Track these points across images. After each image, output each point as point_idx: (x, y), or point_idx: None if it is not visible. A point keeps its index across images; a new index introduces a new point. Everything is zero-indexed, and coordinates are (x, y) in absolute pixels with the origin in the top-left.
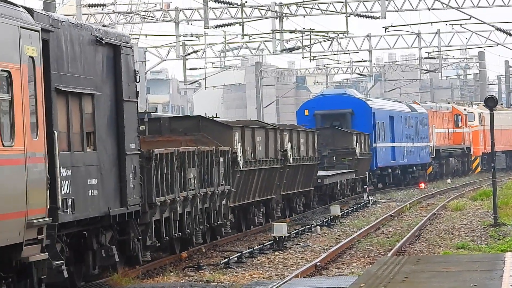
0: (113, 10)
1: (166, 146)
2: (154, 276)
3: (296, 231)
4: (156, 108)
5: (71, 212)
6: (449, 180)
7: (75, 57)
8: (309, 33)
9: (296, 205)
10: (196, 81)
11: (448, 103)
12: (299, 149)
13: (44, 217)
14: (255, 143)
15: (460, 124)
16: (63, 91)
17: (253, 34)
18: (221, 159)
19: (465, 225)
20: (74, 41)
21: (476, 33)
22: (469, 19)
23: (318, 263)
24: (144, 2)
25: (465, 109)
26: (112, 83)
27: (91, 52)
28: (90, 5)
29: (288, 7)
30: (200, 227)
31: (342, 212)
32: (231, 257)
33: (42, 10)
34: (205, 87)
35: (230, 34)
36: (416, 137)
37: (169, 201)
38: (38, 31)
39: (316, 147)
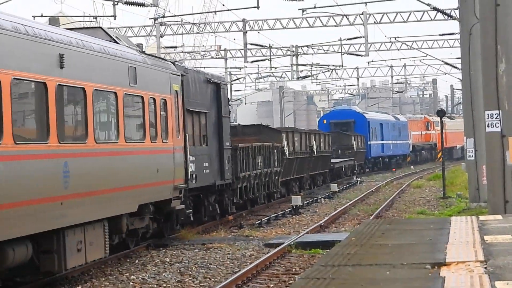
0: (182, 50)
1: (241, 143)
2: (209, 232)
3: (307, 201)
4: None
5: (194, 182)
6: (412, 167)
7: (196, 90)
8: (316, 66)
9: (317, 181)
10: (239, 99)
11: (422, 114)
12: (319, 145)
13: (183, 184)
14: (294, 141)
15: (429, 128)
16: (190, 111)
17: (277, 67)
18: (275, 151)
19: (423, 197)
20: (195, 80)
21: (431, 66)
22: (426, 56)
23: (322, 224)
24: (203, 45)
25: (433, 118)
26: (216, 106)
27: (204, 87)
28: (167, 47)
29: (301, 48)
30: (263, 192)
31: (339, 189)
32: (262, 220)
33: (178, 62)
34: (245, 103)
35: (261, 67)
36: (399, 137)
37: (247, 176)
38: (179, 75)
39: (330, 144)
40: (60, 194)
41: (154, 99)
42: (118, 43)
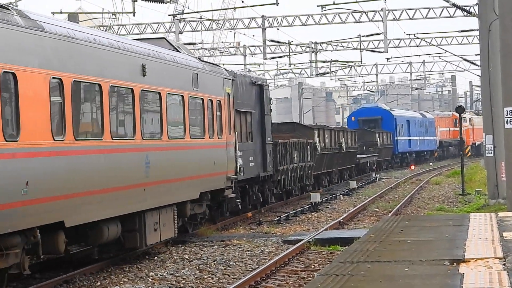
0: (201, 47)
1: (278, 139)
2: (228, 229)
3: (326, 198)
4: None
5: (242, 174)
6: (431, 163)
7: (243, 92)
8: (335, 62)
9: (344, 175)
10: None
11: (450, 112)
12: (347, 141)
13: (234, 175)
14: (325, 138)
15: (457, 125)
16: (238, 110)
17: (296, 63)
18: (308, 146)
19: (442, 194)
20: (243, 83)
21: (450, 62)
22: (445, 53)
23: (341, 220)
24: (222, 42)
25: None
26: (259, 105)
27: (250, 89)
28: (186, 44)
29: (320, 45)
30: (297, 185)
31: (358, 186)
32: (281, 216)
33: (229, 70)
34: None
35: (281, 63)
36: (425, 133)
37: (285, 168)
38: (230, 79)
39: (355, 140)
40: (143, 182)
41: (211, 100)
42: (180, 52)
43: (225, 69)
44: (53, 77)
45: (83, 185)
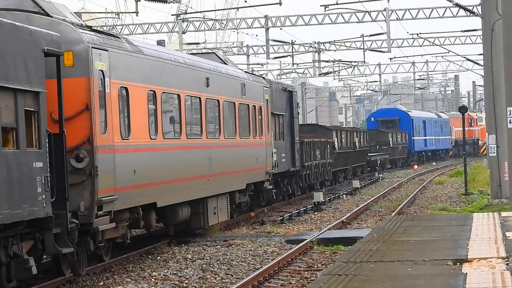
0: (204, 47)
1: (303, 138)
2: (231, 229)
3: (329, 198)
4: None
5: (276, 168)
6: (434, 163)
7: (277, 97)
8: (338, 62)
9: (357, 171)
10: None
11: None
12: (360, 141)
13: (271, 170)
14: (341, 137)
15: (472, 124)
16: (273, 114)
17: (299, 63)
18: (328, 145)
19: (445, 194)
20: (276, 89)
21: (453, 62)
22: (448, 52)
23: (344, 220)
24: (225, 41)
25: (476, 115)
26: (289, 109)
27: (282, 94)
28: (189, 43)
29: (323, 44)
30: (318, 180)
31: (361, 185)
32: (284, 216)
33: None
34: None
35: (284, 63)
36: (441, 133)
37: (310, 165)
38: (268, 87)
39: (367, 140)
40: (207, 173)
41: (254, 106)
42: (227, 64)
43: (263, 78)
44: (150, 90)
45: (168, 174)
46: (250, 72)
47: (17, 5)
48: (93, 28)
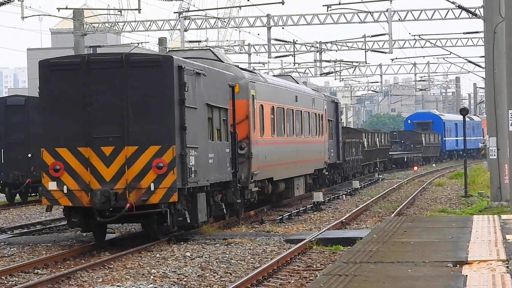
0: (205, 45)
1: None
2: (231, 228)
3: (329, 198)
4: None
5: (329, 160)
6: (434, 165)
7: (329, 107)
8: (339, 62)
9: (379, 167)
10: None
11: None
12: (381, 141)
13: (328, 161)
14: (368, 138)
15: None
16: (329, 119)
17: (301, 63)
18: (360, 145)
19: (445, 195)
20: (328, 101)
21: (454, 64)
22: (449, 54)
23: (343, 220)
24: (227, 40)
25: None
26: (335, 116)
27: (332, 105)
28: (190, 41)
29: (325, 44)
30: (352, 172)
31: (360, 186)
32: (284, 215)
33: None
34: None
35: (285, 62)
36: (472, 134)
37: (349, 159)
38: (325, 100)
39: (388, 140)
40: (295, 160)
41: (319, 114)
42: (298, 84)
43: (323, 94)
44: (271, 105)
45: (277, 159)
46: (316, 90)
47: (202, 55)
48: (245, 68)
